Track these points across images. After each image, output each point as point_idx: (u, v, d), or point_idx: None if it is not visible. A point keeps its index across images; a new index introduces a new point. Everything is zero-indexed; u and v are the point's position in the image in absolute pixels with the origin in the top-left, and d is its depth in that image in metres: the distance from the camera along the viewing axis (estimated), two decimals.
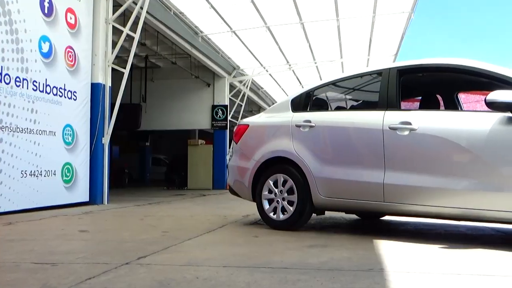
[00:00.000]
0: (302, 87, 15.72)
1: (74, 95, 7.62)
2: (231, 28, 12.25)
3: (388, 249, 3.47)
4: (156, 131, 18.60)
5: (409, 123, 3.93)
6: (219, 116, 15.25)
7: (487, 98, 3.49)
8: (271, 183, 4.70)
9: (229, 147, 14.94)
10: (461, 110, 5.08)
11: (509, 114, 3.49)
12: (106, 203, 8.16)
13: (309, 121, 4.60)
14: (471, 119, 3.74)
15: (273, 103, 16.22)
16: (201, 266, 2.87)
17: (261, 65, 15.84)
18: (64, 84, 7.38)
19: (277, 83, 19.16)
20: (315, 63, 15.80)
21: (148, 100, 15.27)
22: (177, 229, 4.75)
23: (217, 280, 2.50)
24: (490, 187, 3.52)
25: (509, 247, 3.55)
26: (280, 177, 4.65)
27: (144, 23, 9.32)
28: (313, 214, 4.70)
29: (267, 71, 16.50)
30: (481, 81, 4.13)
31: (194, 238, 4.08)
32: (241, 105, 16.74)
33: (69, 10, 7.55)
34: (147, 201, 9.08)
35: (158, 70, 15.76)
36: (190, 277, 2.57)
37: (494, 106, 3.49)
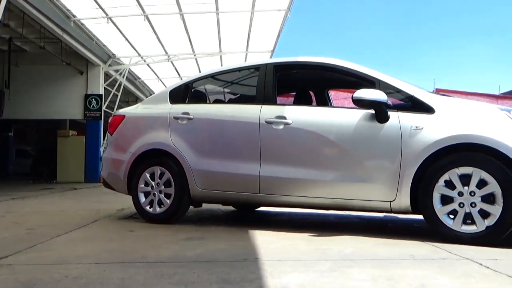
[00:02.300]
0: (181, 79, 15.54)
1: None
2: (107, 14, 11.69)
3: (263, 239, 3.59)
4: (21, 120, 17.11)
5: (284, 118, 4.09)
6: (93, 106, 14.48)
7: (353, 96, 3.75)
8: (148, 175, 4.59)
9: (104, 139, 14.30)
10: (331, 106, 5.41)
11: (372, 111, 3.78)
12: None
13: (188, 113, 4.57)
14: (339, 115, 3.99)
15: (151, 94, 15.84)
16: (70, 264, 2.71)
17: (139, 54, 15.37)
18: None
19: (155, 74, 18.75)
20: (195, 55, 15.74)
21: (12, 87, 13.96)
22: (44, 225, 4.43)
23: (88, 278, 2.38)
24: (355, 179, 3.80)
25: (369, 233, 3.86)
26: (157, 170, 4.56)
27: (8, 2, 8.49)
28: (191, 206, 4.69)
29: (144, 61, 16.05)
30: (349, 79, 4.43)
31: (64, 235, 3.84)
32: (117, 95, 16.08)
33: None
34: (9, 196, 8.33)
35: (24, 54, 14.48)
36: (58, 277, 2.41)
37: (360, 103, 3.77)
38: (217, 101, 5.36)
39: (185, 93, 4.87)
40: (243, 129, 4.28)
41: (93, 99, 14.53)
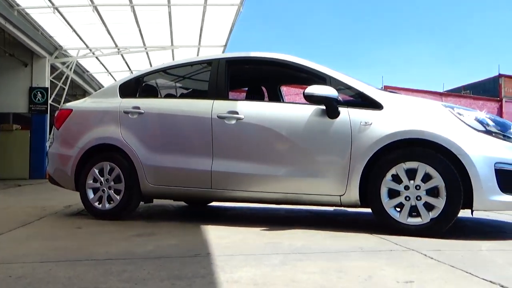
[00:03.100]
0: (132, 73, 15.22)
1: None
2: (53, 4, 11.26)
3: (215, 234, 3.58)
4: None
5: (236, 113, 4.09)
6: (38, 100, 13.94)
7: (305, 92, 3.80)
8: (97, 171, 4.48)
9: (50, 133, 13.81)
10: (283, 101, 5.46)
11: (323, 107, 3.84)
12: None
13: (138, 108, 4.49)
14: (291, 111, 4.04)
15: (100, 88, 15.42)
16: (14, 264, 2.60)
17: (87, 47, 14.92)
18: None
19: (104, 67, 18.27)
20: (146, 49, 15.44)
21: None
22: None
23: (33, 277, 2.30)
24: (306, 173, 3.86)
25: (320, 227, 3.93)
26: (107, 165, 4.45)
27: None
28: (141, 202, 4.62)
29: (93, 53, 15.60)
30: (301, 75, 4.48)
31: (7, 233, 3.68)
32: (64, 89, 15.57)
33: None
34: None
35: None
36: (1, 276, 2.32)
37: (311, 99, 3.82)
38: (168, 96, 5.29)
39: (135, 87, 4.78)
40: (195, 124, 4.25)
41: (39, 92, 13.99)
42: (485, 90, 36.94)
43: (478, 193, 3.37)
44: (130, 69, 18.19)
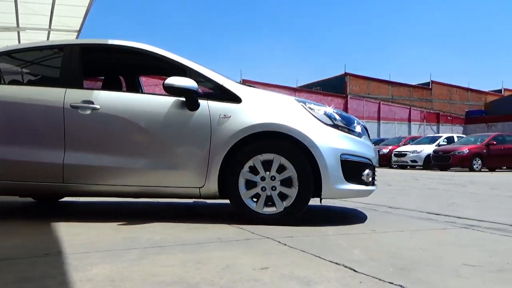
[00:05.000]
0: None
1: None
2: None
3: (68, 231, 3.37)
4: None
5: (92, 102, 3.88)
6: None
7: (165, 83, 3.75)
8: None
9: None
10: (142, 92, 5.33)
11: (183, 99, 3.83)
12: None
13: None
14: (150, 102, 3.95)
15: None
16: None
17: None
18: None
19: None
20: None
21: None
22: None
23: None
24: (166, 166, 3.82)
25: (179, 219, 3.93)
26: None
27: None
28: None
29: None
30: (161, 66, 4.42)
31: None
32: None
33: None
34: None
35: None
36: None
37: (170, 90, 3.78)
38: (13, 82, 4.82)
39: None
40: (45, 114, 3.94)
41: None
42: (333, 87, 40.18)
43: (326, 182, 3.66)
44: None
